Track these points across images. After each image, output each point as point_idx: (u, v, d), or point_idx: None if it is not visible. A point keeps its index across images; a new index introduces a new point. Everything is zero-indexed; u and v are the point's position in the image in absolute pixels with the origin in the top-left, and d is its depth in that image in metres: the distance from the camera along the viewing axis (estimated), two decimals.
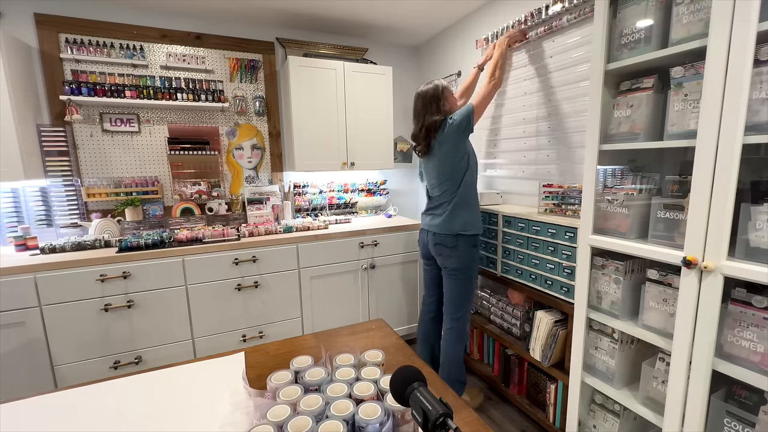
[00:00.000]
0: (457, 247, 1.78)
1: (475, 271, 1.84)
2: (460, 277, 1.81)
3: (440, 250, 1.84)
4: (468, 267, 1.81)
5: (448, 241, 1.79)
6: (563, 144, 1.87)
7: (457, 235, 1.77)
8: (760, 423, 0.97)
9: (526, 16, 1.93)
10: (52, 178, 2.14)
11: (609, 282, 1.33)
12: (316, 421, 0.66)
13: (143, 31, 2.27)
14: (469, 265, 1.80)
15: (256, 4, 2.25)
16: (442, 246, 1.82)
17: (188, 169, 2.45)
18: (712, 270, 0.98)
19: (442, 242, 1.82)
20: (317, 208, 2.81)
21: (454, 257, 1.79)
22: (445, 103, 1.78)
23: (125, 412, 0.82)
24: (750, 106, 0.92)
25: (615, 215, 1.29)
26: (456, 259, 1.79)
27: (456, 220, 1.78)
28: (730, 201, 0.95)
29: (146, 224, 2.34)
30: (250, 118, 2.62)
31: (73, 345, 1.80)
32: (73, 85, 2.05)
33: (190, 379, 0.95)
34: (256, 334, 2.18)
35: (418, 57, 3.15)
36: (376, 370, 0.84)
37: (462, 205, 1.78)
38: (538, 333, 1.72)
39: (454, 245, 1.78)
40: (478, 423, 0.77)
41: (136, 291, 1.88)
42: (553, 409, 1.74)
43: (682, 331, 1.07)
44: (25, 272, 1.69)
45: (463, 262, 1.79)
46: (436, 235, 1.84)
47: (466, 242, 1.78)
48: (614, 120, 1.28)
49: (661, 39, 1.14)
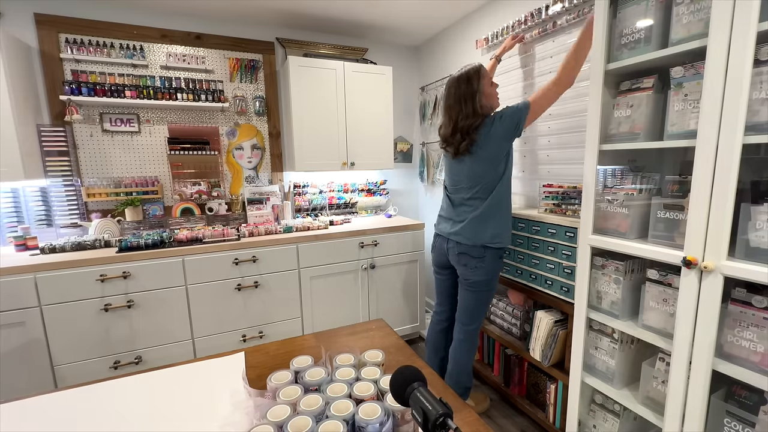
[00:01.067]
0: (483, 259, 1.61)
1: (496, 283, 1.71)
2: (482, 289, 1.67)
3: (464, 261, 1.66)
4: (491, 280, 1.67)
5: (474, 252, 1.61)
6: (563, 144, 1.87)
7: (484, 247, 1.60)
8: (760, 423, 0.97)
9: (526, 16, 1.93)
10: (52, 178, 2.14)
11: (609, 282, 1.33)
12: (316, 421, 0.66)
13: (143, 31, 2.27)
14: (492, 278, 1.67)
15: (256, 4, 2.25)
16: (467, 256, 1.64)
17: (188, 169, 2.45)
18: (712, 270, 0.98)
19: (467, 252, 1.64)
20: (317, 208, 2.81)
21: (480, 269, 1.62)
22: (482, 98, 1.54)
23: (125, 412, 0.82)
24: (750, 106, 0.92)
25: (615, 215, 1.29)
26: (482, 271, 1.63)
27: (484, 229, 1.60)
28: (730, 201, 0.95)
29: (146, 224, 2.34)
30: (250, 118, 2.62)
31: (73, 345, 1.80)
32: (73, 85, 2.05)
33: (190, 379, 0.95)
34: (256, 334, 2.18)
35: (418, 57, 3.15)
36: (376, 370, 0.83)
37: (493, 213, 1.60)
38: (538, 333, 1.72)
39: (481, 256, 1.61)
40: (478, 423, 0.77)
41: (136, 291, 1.88)
42: (553, 409, 1.74)
43: (682, 331, 1.07)
44: (25, 272, 1.69)
45: (487, 275, 1.64)
46: (460, 245, 1.65)
47: (493, 254, 1.62)
48: (614, 120, 1.28)
49: (661, 39, 1.14)
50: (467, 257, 1.64)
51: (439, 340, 1.95)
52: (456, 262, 1.71)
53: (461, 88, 1.55)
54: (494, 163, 1.56)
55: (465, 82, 1.54)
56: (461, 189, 1.68)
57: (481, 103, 1.54)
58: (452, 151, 1.65)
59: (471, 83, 1.53)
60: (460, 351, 1.77)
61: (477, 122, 1.54)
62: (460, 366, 1.78)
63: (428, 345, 2.02)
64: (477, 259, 1.62)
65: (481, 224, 1.61)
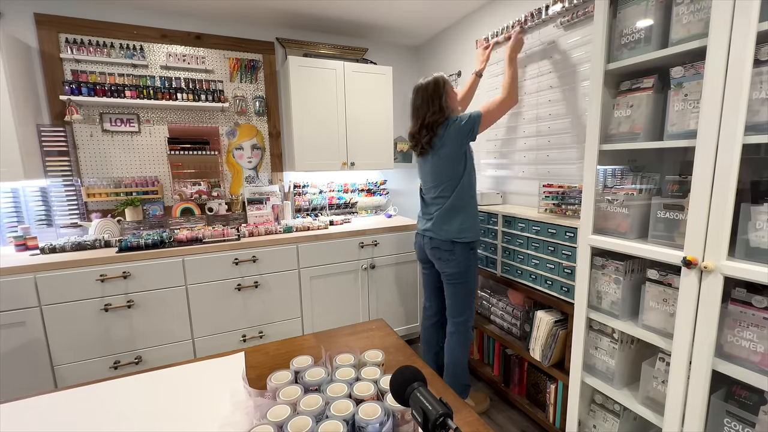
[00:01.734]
0: (453, 252, 1.73)
1: (473, 275, 1.80)
2: (459, 281, 1.78)
3: (437, 254, 1.79)
4: (466, 272, 1.76)
5: (444, 246, 1.75)
6: (563, 144, 1.87)
7: (452, 242, 1.73)
8: (760, 423, 0.97)
9: (526, 16, 1.93)
10: (52, 178, 2.14)
11: (609, 282, 1.33)
12: (316, 421, 0.66)
13: (143, 31, 2.27)
14: (467, 270, 1.76)
15: (256, 4, 2.25)
16: (439, 251, 1.77)
17: (188, 169, 2.45)
18: (712, 270, 0.98)
19: (438, 247, 1.77)
20: (317, 208, 2.81)
21: (452, 262, 1.74)
22: (447, 99, 1.71)
23: (125, 412, 0.82)
24: (750, 106, 0.92)
25: (615, 215, 1.29)
26: (454, 263, 1.74)
27: (451, 225, 1.73)
28: (730, 201, 0.95)
29: (146, 224, 2.34)
30: (250, 118, 2.62)
31: (73, 345, 1.80)
32: (73, 85, 2.05)
33: (190, 379, 0.95)
34: (256, 334, 2.18)
35: (418, 57, 3.15)
36: (376, 370, 0.83)
37: (458, 209, 1.73)
38: (538, 333, 1.72)
39: (450, 250, 1.74)
40: (478, 423, 0.77)
41: (136, 291, 1.88)
42: (553, 409, 1.74)
43: (682, 331, 1.07)
44: (25, 272, 1.69)
45: (460, 268, 1.75)
46: (433, 240, 1.79)
47: (462, 248, 1.73)
48: (614, 120, 1.28)
49: (661, 39, 1.14)
50: (440, 251, 1.77)
51: (431, 334, 2.05)
52: (432, 256, 1.83)
53: (429, 90, 1.72)
54: (454, 161, 1.70)
55: (432, 86, 1.71)
56: (429, 188, 1.82)
57: (447, 103, 1.71)
58: (418, 148, 1.79)
59: (438, 87, 1.71)
60: (453, 344, 1.84)
61: (441, 119, 1.69)
62: (455, 360, 1.84)
63: (422, 341, 2.13)
64: (448, 252, 1.75)
65: (447, 220, 1.74)
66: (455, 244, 1.73)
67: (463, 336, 1.83)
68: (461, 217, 1.73)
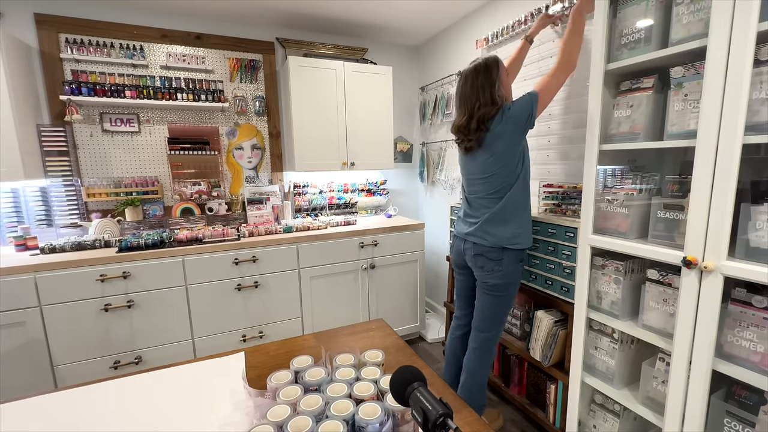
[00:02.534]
0: (501, 261, 1.52)
1: (515, 289, 1.59)
2: (500, 294, 1.56)
3: (481, 262, 1.56)
4: (510, 285, 1.56)
5: (491, 253, 1.53)
6: (563, 144, 1.87)
7: (502, 249, 1.51)
8: (760, 423, 0.97)
9: (526, 16, 1.93)
10: (52, 178, 2.14)
11: (609, 282, 1.33)
12: (316, 421, 0.66)
13: (143, 31, 2.27)
14: (512, 283, 1.56)
15: (256, 4, 2.25)
16: (483, 258, 1.55)
17: (188, 169, 2.45)
18: (712, 270, 0.98)
19: (483, 254, 1.55)
20: (317, 208, 2.81)
21: (497, 272, 1.53)
22: (501, 87, 1.48)
23: (125, 412, 0.82)
24: (750, 106, 0.92)
25: (615, 215, 1.29)
26: (500, 274, 1.53)
27: (502, 230, 1.51)
28: (730, 201, 0.95)
29: (146, 224, 2.34)
30: (250, 118, 2.62)
31: (73, 345, 1.80)
32: (73, 85, 2.05)
33: (190, 379, 0.95)
34: (256, 334, 2.18)
35: (418, 57, 3.15)
36: (376, 370, 0.83)
37: (511, 212, 1.52)
38: (538, 333, 1.72)
39: (498, 259, 1.52)
40: (479, 423, 0.77)
41: (136, 291, 1.88)
42: (553, 409, 1.74)
43: (682, 331, 1.07)
44: (25, 272, 1.69)
45: (506, 279, 1.54)
46: (477, 246, 1.56)
47: (512, 257, 1.52)
48: (614, 120, 1.28)
49: (661, 39, 1.14)
50: (484, 259, 1.55)
51: (457, 347, 1.82)
52: (473, 264, 1.62)
53: (480, 77, 1.48)
54: (509, 159, 1.49)
55: (483, 71, 1.48)
56: (477, 188, 1.59)
57: (499, 92, 1.48)
58: (466, 143, 1.56)
59: (490, 72, 1.47)
60: (474, 360, 1.64)
61: (493, 111, 1.46)
62: (474, 377, 1.65)
63: (447, 353, 1.90)
64: (494, 261, 1.53)
65: (499, 224, 1.52)
66: (505, 252, 1.52)
67: (487, 353, 1.64)
68: (515, 221, 1.52)
